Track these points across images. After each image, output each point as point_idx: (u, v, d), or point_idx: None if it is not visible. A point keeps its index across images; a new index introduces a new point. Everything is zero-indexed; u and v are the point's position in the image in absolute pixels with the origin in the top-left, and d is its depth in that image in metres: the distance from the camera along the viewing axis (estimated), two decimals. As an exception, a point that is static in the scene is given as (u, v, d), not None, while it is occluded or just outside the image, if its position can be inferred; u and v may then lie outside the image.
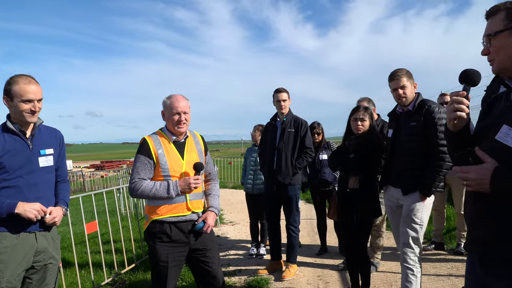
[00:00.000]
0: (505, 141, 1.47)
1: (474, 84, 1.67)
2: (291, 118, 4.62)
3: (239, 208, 9.60)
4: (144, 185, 2.74)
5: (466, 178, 1.54)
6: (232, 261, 5.34)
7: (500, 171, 1.44)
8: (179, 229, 2.80)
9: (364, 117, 3.52)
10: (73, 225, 6.31)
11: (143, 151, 2.80)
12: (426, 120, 3.15)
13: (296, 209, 4.65)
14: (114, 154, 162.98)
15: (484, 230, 1.57)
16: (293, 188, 4.56)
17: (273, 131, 4.67)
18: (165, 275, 2.77)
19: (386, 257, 4.99)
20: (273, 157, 4.57)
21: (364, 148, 3.49)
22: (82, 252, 6.02)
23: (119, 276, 4.74)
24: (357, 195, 3.51)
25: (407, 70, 3.30)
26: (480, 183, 1.49)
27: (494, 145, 1.51)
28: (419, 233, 3.22)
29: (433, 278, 4.23)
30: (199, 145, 3.04)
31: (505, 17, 1.52)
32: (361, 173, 3.52)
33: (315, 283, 4.37)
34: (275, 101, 4.60)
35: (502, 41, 1.54)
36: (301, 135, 4.55)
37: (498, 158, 1.49)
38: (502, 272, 1.51)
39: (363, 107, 3.59)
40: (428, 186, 3.14)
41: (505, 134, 1.48)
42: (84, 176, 26.17)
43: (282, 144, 4.53)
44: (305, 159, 4.58)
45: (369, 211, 3.55)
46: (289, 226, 4.62)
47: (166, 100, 2.89)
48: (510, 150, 1.45)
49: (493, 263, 1.56)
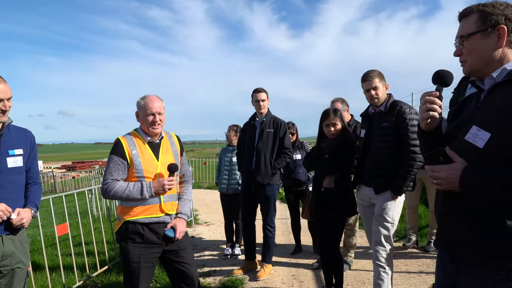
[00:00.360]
0: (474, 142, 1.50)
1: (447, 85, 1.70)
2: (270, 118, 4.61)
3: (214, 208, 9.56)
4: (117, 186, 2.69)
5: (437, 177, 1.57)
6: (207, 261, 5.31)
7: (469, 171, 1.48)
8: (152, 230, 2.76)
9: (335, 121, 3.55)
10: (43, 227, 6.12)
11: (117, 152, 2.75)
12: (398, 121, 3.22)
13: (274, 209, 4.66)
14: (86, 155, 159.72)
15: (453, 228, 1.61)
16: (271, 188, 4.57)
17: (252, 131, 4.65)
18: (137, 276, 2.72)
19: (359, 256, 5.07)
20: (251, 157, 4.56)
21: (339, 149, 3.53)
22: (52, 255, 5.87)
23: (91, 279, 4.65)
24: (332, 194, 3.56)
25: (379, 71, 3.36)
26: (450, 182, 1.53)
27: (464, 145, 1.54)
28: (390, 231, 3.29)
29: (404, 275, 4.32)
30: (175, 146, 3.00)
31: (478, 19, 1.55)
32: (336, 173, 3.57)
33: (289, 282, 4.40)
34: (254, 101, 4.60)
35: (475, 42, 1.57)
36: (280, 136, 4.56)
37: (467, 158, 1.52)
38: (471, 270, 1.55)
39: (332, 111, 3.59)
40: (399, 185, 3.20)
41: (474, 134, 1.51)
42: (55, 177, 25.50)
43: (261, 144, 4.52)
44: (284, 159, 4.59)
45: (345, 210, 3.60)
46: (266, 226, 4.62)
47: (140, 101, 2.85)
48: (478, 151, 1.49)
49: (462, 260, 1.60)
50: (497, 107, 1.48)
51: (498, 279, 1.46)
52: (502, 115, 1.44)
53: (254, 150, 4.55)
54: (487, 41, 1.54)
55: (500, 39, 1.52)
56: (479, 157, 1.49)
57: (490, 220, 1.47)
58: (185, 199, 3.05)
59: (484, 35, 1.54)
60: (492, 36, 1.53)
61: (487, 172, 1.43)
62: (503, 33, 1.51)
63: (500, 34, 1.52)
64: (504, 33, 1.51)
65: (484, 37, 1.54)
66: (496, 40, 1.53)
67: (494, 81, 1.55)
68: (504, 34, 1.51)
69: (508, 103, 1.44)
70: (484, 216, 1.49)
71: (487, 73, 1.57)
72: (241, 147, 4.81)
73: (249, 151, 4.59)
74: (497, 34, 1.52)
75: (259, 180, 4.48)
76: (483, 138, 1.47)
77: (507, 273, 1.44)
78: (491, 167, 1.43)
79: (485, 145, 1.47)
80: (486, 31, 1.53)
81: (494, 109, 1.49)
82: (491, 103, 1.54)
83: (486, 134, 1.47)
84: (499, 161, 1.43)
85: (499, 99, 1.49)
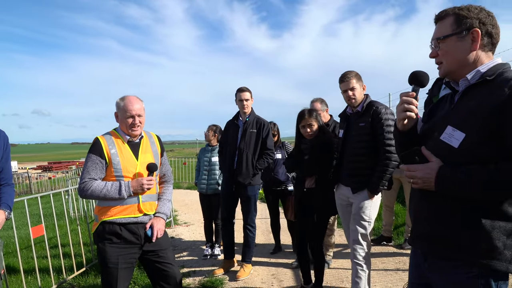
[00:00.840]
0: (449, 142, 1.54)
1: (423, 85, 1.74)
2: (253, 118, 4.60)
3: (194, 208, 9.51)
4: (94, 185, 2.66)
5: (413, 176, 1.61)
6: (187, 262, 5.28)
7: (445, 171, 1.52)
8: (130, 230, 2.74)
9: (311, 122, 3.58)
10: (18, 229, 5.98)
11: (95, 151, 2.71)
12: (374, 121, 3.27)
13: (254, 209, 4.67)
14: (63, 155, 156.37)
15: (427, 226, 1.65)
16: (252, 188, 4.58)
17: (234, 131, 4.63)
18: (115, 278, 2.69)
19: (337, 254, 5.14)
20: (233, 156, 4.54)
21: (318, 150, 3.57)
22: (28, 258, 5.74)
23: (67, 281, 4.56)
24: (314, 194, 3.60)
25: (356, 72, 3.40)
26: (425, 181, 1.56)
27: (439, 145, 1.58)
28: (367, 229, 3.35)
29: (382, 273, 4.40)
30: (155, 146, 2.98)
31: (454, 22, 1.59)
32: (317, 174, 3.61)
33: (269, 281, 4.42)
34: (238, 100, 4.56)
35: (450, 44, 1.61)
36: (262, 136, 4.55)
37: (442, 158, 1.56)
38: (444, 267, 1.59)
39: (307, 112, 3.61)
40: (375, 184, 3.26)
41: (449, 134, 1.55)
42: (30, 177, 24.89)
43: (243, 144, 4.50)
44: (266, 160, 4.58)
45: (327, 209, 3.65)
46: (247, 226, 4.63)
47: (119, 102, 2.82)
48: (453, 150, 1.53)
49: (436, 258, 1.64)
50: (471, 109, 1.51)
51: (471, 276, 1.50)
52: (475, 117, 1.48)
53: (236, 150, 4.53)
54: (462, 43, 1.58)
55: (474, 42, 1.57)
56: (454, 156, 1.53)
57: (464, 218, 1.51)
58: (164, 199, 3.02)
59: (459, 38, 1.58)
60: (466, 39, 1.57)
61: (462, 172, 1.47)
62: (477, 36, 1.55)
63: (474, 37, 1.56)
64: (478, 36, 1.55)
65: (459, 39, 1.58)
66: (471, 43, 1.57)
67: (468, 83, 1.59)
68: (478, 37, 1.56)
69: (482, 105, 1.48)
70: (458, 214, 1.53)
71: (462, 75, 1.62)
72: (223, 146, 4.78)
73: (231, 151, 4.56)
74: (472, 37, 1.56)
75: (240, 180, 4.47)
76: (458, 138, 1.51)
77: (479, 270, 1.49)
78: (466, 167, 1.47)
79: (460, 145, 1.51)
80: (461, 33, 1.58)
81: (468, 110, 1.53)
82: (465, 104, 1.57)
83: (461, 134, 1.51)
84: (474, 160, 1.47)
85: (473, 100, 1.53)
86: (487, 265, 1.47)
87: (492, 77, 1.52)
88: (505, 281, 1.51)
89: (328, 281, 4.28)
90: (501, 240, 1.46)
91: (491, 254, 1.47)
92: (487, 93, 1.50)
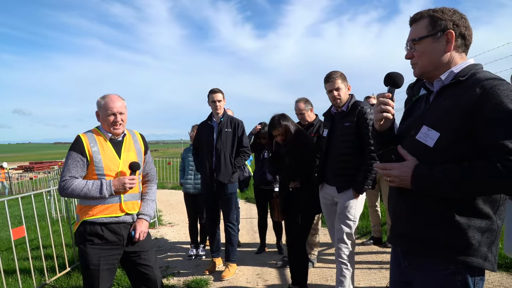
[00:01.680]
0: (425, 141, 1.57)
1: (398, 86, 1.77)
2: (227, 118, 4.66)
3: (178, 209, 9.46)
4: (75, 183, 2.60)
5: (389, 174, 1.64)
6: (171, 262, 5.24)
7: (420, 169, 1.54)
8: (111, 230, 2.69)
9: (277, 133, 3.65)
10: (-2, 231, 5.82)
11: (76, 148, 2.66)
12: (359, 121, 3.30)
13: (236, 206, 4.72)
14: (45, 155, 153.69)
15: (406, 225, 1.68)
16: (232, 185, 4.62)
17: (209, 131, 4.66)
18: (97, 279, 2.65)
19: (322, 253, 5.18)
20: (211, 157, 4.58)
21: (297, 153, 3.60)
22: (9, 259, 5.63)
23: (49, 283, 4.48)
24: (299, 193, 3.62)
25: (341, 72, 3.42)
26: (402, 179, 1.59)
27: (415, 144, 1.61)
28: (352, 229, 3.37)
29: (366, 271, 4.44)
30: (138, 144, 2.94)
31: (429, 24, 1.62)
32: (299, 176, 3.63)
33: (254, 281, 4.41)
34: (210, 101, 4.62)
35: (425, 46, 1.64)
36: (238, 135, 4.62)
37: (418, 157, 1.59)
38: (422, 265, 1.62)
39: (277, 122, 3.64)
40: (360, 183, 3.29)
41: (424, 134, 1.58)
42: (11, 178, 24.39)
43: (220, 144, 4.55)
44: (244, 157, 4.67)
45: (312, 208, 3.67)
46: (228, 224, 4.65)
47: (100, 100, 2.76)
48: (429, 149, 1.55)
49: (415, 256, 1.67)
50: (446, 108, 1.55)
51: (448, 272, 1.53)
52: (450, 116, 1.51)
53: (213, 150, 4.58)
54: (436, 44, 1.62)
55: (448, 43, 1.60)
56: (429, 155, 1.55)
57: (440, 216, 1.54)
58: (148, 199, 2.99)
59: (434, 39, 1.62)
60: (441, 40, 1.61)
61: (438, 171, 1.49)
62: (451, 37, 1.59)
63: (449, 39, 1.60)
64: (452, 38, 1.59)
65: (434, 41, 1.62)
66: (445, 44, 1.61)
67: (442, 83, 1.63)
68: (452, 39, 1.59)
69: (455, 105, 1.51)
70: (435, 213, 1.56)
71: (436, 75, 1.65)
72: (199, 147, 4.79)
73: (208, 152, 4.60)
74: (446, 39, 1.60)
75: (220, 179, 4.51)
76: (433, 138, 1.54)
77: (456, 267, 1.52)
78: (443, 166, 1.49)
79: (435, 144, 1.53)
80: (436, 35, 1.61)
81: (442, 110, 1.56)
82: (440, 104, 1.61)
83: (436, 133, 1.54)
84: (450, 159, 1.50)
85: (447, 100, 1.57)
86: (464, 261, 1.50)
87: (465, 77, 1.56)
88: (482, 276, 1.55)
89: (313, 280, 4.30)
90: (476, 237, 1.49)
91: (467, 251, 1.50)
92: (460, 93, 1.53)
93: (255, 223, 5.75)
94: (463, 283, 1.52)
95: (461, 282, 1.52)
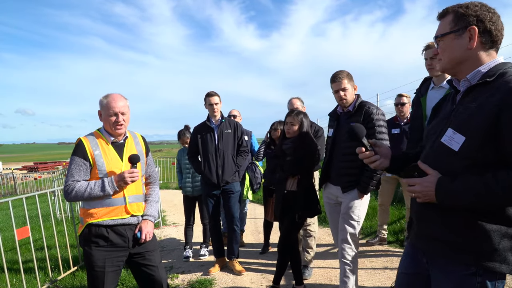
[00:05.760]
0: (450, 144, 1.54)
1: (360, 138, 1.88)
2: (226, 119, 4.79)
3: (182, 209, 9.44)
4: (77, 186, 2.59)
5: (413, 190, 1.62)
6: (176, 263, 5.24)
7: (443, 183, 1.52)
8: (117, 233, 2.69)
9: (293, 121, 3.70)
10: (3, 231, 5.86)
11: (78, 153, 2.65)
12: (365, 121, 3.27)
13: (239, 204, 4.87)
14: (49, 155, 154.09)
15: (429, 227, 1.66)
16: (237, 184, 4.79)
17: (210, 134, 4.70)
18: (102, 281, 2.64)
19: (325, 254, 5.16)
20: (215, 158, 4.65)
21: (300, 150, 3.61)
22: (13, 260, 5.64)
23: (54, 283, 4.50)
24: (295, 196, 3.63)
25: (348, 72, 3.39)
26: (426, 194, 1.57)
27: (440, 148, 1.58)
28: (356, 229, 3.35)
29: (370, 272, 4.42)
30: (140, 146, 2.94)
31: (452, 20, 1.59)
32: (299, 174, 3.63)
33: (258, 281, 4.41)
34: (207, 104, 4.68)
35: (447, 42, 1.61)
36: (238, 135, 4.77)
37: (442, 160, 1.56)
38: (443, 265, 1.61)
39: (296, 112, 3.73)
40: (365, 184, 3.27)
41: (450, 137, 1.54)
42: (15, 178, 24.48)
43: (222, 144, 4.65)
44: (244, 157, 4.84)
45: (307, 212, 3.68)
46: (232, 221, 4.75)
47: (102, 100, 2.75)
48: (453, 153, 1.52)
49: (435, 256, 1.65)
50: (472, 111, 1.50)
51: (468, 273, 1.52)
52: (475, 120, 1.47)
53: (216, 151, 4.65)
54: (459, 41, 1.57)
55: (471, 40, 1.55)
56: (453, 159, 1.52)
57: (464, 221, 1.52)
58: (151, 200, 2.99)
59: (456, 36, 1.58)
60: (464, 37, 1.56)
61: (459, 185, 1.46)
62: (474, 34, 1.54)
63: (472, 35, 1.54)
64: (475, 34, 1.53)
65: (456, 37, 1.58)
66: (468, 41, 1.55)
67: (469, 84, 1.58)
68: (475, 35, 1.54)
69: (482, 108, 1.46)
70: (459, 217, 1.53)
71: (459, 72, 1.62)
72: (194, 150, 4.80)
73: (212, 153, 4.65)
74: (469, 35, 1.55)
75: (228, 179, 4.63)
76: (458, 141, 1.50)
77: (477, 269, 1.50)
78: (464, 178, 1.46)
79: (460, 148, 1.50)
80: (458, 31, 1.57)
81: (468, 112, 1.52)
82: (465, 106, 1.56)
83: (461, 137, 1.50)
84: (473, 163, 1.47)
85: (474, 102, 1.52)
86: (485, 265, 1.48)
87: (492, 78, 1.50)
88: (503, 280, 1.53)
89: (317, 280, 4.29)
90: (500, 242, 1.47)
91: (490, 256, 1.48)
92: (487, 95, 1.48)
93: (260, 223, 5.74)
94: (482, 285, 1.50)
95: (480, 284, 1.51)
